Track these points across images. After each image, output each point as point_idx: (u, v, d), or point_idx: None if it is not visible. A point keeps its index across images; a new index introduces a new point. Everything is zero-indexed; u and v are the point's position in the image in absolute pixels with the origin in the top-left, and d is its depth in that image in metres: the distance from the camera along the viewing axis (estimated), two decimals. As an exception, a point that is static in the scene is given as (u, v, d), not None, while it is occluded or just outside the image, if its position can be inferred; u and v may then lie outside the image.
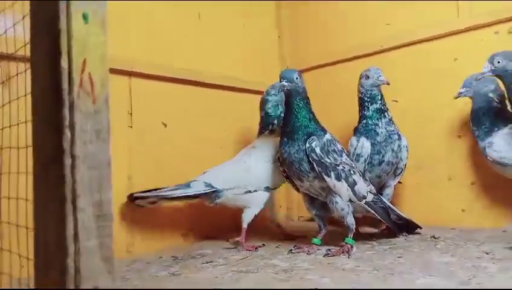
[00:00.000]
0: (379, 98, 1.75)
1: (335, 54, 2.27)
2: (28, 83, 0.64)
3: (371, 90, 1.74)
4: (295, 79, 1.53)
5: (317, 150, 1.48)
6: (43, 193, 0.57)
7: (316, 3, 2.39)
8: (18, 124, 0.81)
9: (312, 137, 1.51)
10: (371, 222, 1.89)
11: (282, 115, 1.68)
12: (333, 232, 1.72)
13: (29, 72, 0.62)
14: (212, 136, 2.06)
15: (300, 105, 1.54)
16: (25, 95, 0.71)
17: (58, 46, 0.54)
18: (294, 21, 2.49)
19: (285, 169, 1.60)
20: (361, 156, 1.72)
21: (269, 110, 1.84)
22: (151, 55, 1.85)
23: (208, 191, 1.71)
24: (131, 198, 1.67)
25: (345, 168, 1.52)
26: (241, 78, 2.22)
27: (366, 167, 1.73)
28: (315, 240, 1.60)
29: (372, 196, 1.60)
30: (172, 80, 1.92)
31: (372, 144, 1.72)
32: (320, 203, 1.61)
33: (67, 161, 0.53)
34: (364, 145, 1.72)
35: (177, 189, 1.68)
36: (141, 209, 1.71)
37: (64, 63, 0.54)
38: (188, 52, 2.01)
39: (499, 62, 1.45)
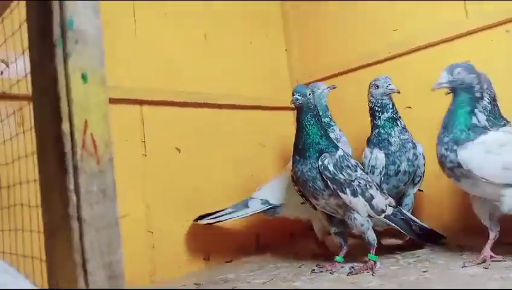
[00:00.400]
0: (390, 106, 1.72)
1: (344, 64, 2.25)
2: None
3: (381, 99, 1.71)
4: (308, 95, 1.52)
5: (330, 167, 1.46)
6: (54, 257, 0.57)
7: (322, 14, 2.37)
8: (28, 182, 0.81)
9: (324, 154, 1.49)
10: (394, 233, 1.86)
11: None
12: (356, 246, 1.69)
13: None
14: (226, 156, 2.05)
15: (312, 122, 1.52)
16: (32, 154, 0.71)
17: (58, 109, 0.54)
18: (302, 34, 2.48)
19: (300, 188, 1.58)
20: (376, 168, 1.69)
21: None
22: (160, 82, 1.86)
23: (265, 208, 1.77)
24: (196, 220, 1.78)
25: (360, 183, 1.49)
26: (251, 96, 2.22)
27: (382, 178, 1.70)
28: (338, 258, 1.57)
29: (392, 209, 1.56)
30: (183, 104, 1.92)
31: (386, 155, 1.69)
32: (339, 220, 1.59)
33: (75, 226, 0.53)
34: (378, 157, 1.69)
35: (236, 211, 1.77)
36: (158, 238, 1.73)
37: (65, 127, 0.54)
38: (196, 75, 2.01)
39: (458, 73, 1.38)
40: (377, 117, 1.73)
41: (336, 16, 2.31)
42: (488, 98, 1.39)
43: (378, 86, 1.71)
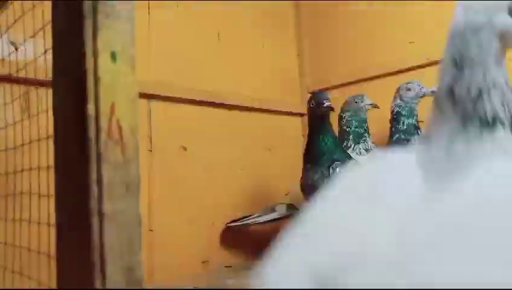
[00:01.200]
0: (416, 113, 1.66)
1: (357, 73, 2.20)
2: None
3: (410, 102, 1.66)
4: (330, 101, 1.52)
5: (341, 175, 1.42)
6: (66, 255, 0.51)
7: (338, 20, 2.33)
8: (39, 168, 0.75)
9: (335, 163, 1.46)
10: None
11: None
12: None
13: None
14: (232, 157, 1.99)
15: (328, 128, 1.51)
16: (47, 138, 0.65)
17: (84, 89, 0.49)
18: (316, 39, 2.43)
19: (307, 197, 1.53)
20: None
21: None
22: (170, 78, 1.80)
23: (291, 212, 1.72)
24: (229, 223, 1.82)
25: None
26: (260, 98, 2.16)
27: None
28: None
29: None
30: (192, 102, 1.87)
31: None
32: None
33: (95, 221, 0.47)
34: None
35: (262, 215, 1.78)
36: (158, 237, 1.67)
37: (91, 109, 0.48)
38: (207, 73, 1.96)
39: None
40: (401, 122, 1.65)
41: (352, 23, 2.27)
42: None
43: (409, 89, 1.66)
